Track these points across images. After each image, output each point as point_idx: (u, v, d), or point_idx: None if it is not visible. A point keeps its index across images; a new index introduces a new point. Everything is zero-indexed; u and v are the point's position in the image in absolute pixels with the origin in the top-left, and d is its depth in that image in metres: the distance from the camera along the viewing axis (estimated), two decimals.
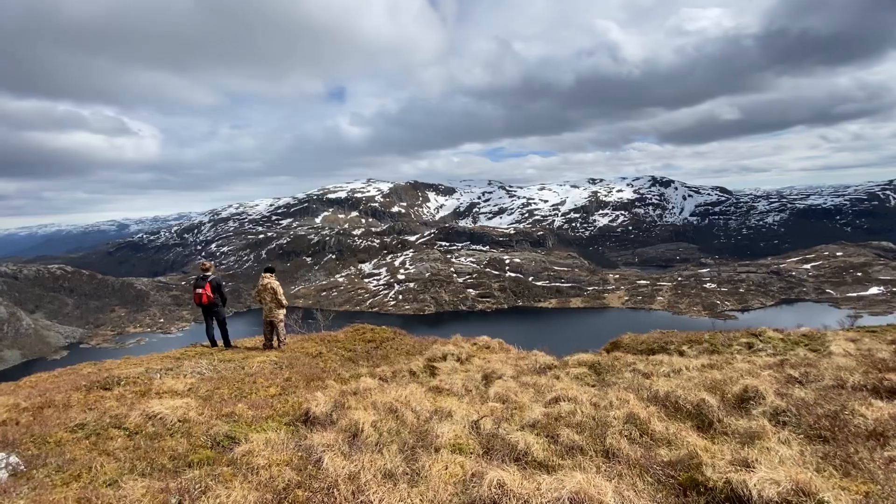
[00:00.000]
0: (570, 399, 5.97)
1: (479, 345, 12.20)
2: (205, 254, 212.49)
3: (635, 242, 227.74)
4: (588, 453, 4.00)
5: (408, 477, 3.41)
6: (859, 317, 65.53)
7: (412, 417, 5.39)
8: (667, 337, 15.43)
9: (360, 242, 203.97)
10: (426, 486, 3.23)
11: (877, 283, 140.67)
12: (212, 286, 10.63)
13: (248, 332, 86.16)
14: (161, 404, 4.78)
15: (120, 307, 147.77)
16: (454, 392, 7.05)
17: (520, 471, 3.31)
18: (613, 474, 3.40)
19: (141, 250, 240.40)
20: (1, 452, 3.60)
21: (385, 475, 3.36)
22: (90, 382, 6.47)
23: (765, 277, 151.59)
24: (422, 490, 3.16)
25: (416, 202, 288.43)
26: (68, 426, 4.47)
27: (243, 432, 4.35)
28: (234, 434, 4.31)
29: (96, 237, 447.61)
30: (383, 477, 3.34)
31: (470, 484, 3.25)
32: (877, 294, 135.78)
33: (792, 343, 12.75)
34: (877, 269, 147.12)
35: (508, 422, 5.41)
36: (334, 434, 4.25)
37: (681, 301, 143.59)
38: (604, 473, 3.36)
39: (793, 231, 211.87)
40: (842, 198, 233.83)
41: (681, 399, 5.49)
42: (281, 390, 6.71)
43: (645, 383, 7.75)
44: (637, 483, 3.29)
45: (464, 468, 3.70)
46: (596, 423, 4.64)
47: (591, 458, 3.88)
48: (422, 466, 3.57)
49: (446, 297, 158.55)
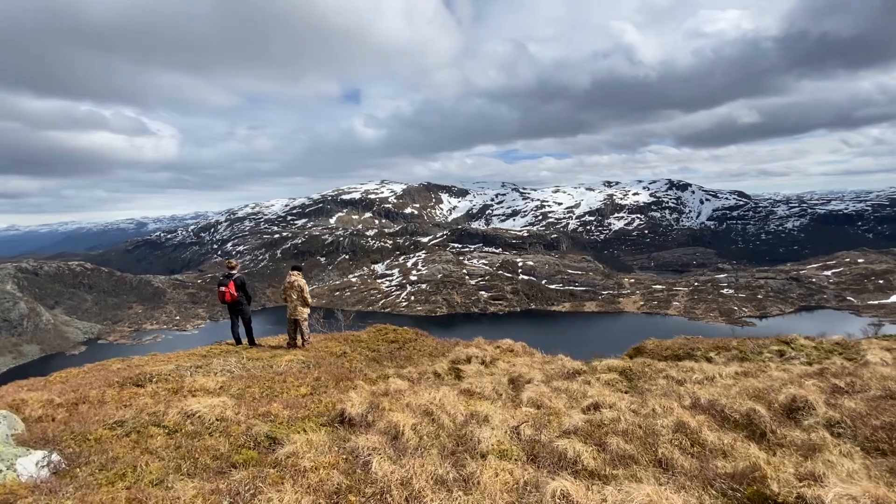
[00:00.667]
0: (608, 406, 5.79)
1: (503, 348, 12.04)
2: (221, 253, 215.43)
3: (651, 246, 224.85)
4: (640, 463, 3.84)
5: (460, 483, 3.29)
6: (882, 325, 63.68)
7: (448, 421, 5.27)
8: (692, 343, 15.08)
9: (374, 243, 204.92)
10: (480, 493, 3.10)
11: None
12: (236, 284, 10.64)
13: (262, 330, 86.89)
14: (199, 403, 4.74)
15: (137, 304, 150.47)
16: (485, 396, 6.92)
17: (581, 481, 3.16)
18: (677, 486, 3.23)
19: (158, 248, 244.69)
20: (42, 450, 3.57)
21: (437, 481, 3.25)
22: (122, 379, 6.48)
23: (784, 284, 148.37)
24: (477, 498, 3.03)
25: (429, 203, 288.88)
26: (107, 423, 4.45)
27: (283, 433, 4.27)
28: (275, 434, 4.23)
29: (115, 235, 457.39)
30: (435, 483, 3.22)
31: (525, 492, 3.12)
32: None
33: (825, 351, 12.35)
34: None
35: (546, 428, 5.25)
36: (376, 436, 4.15)
37: (697, 307, 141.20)
38: (670, 486, 3.20)
39: (813, 237, 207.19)
40: (864, 203, 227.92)
41: (727, 408, 5.28)
42: (311, 390, 6.64)
43: (679, 390, 7.53)
44: (704, 497, 3.12)
45: (513, 475, 3.57)
46: (643, 432, 4.46)
47: (645, 469, 3.72)
48: (471, 473, 3.45)
49: (458, 299, 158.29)
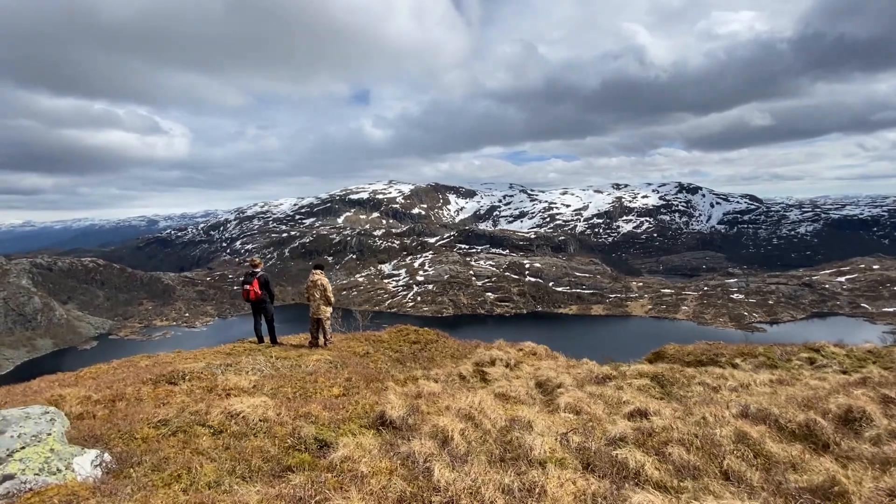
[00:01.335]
0: (653, 413, 5.63)
1: (526, 351, 11.89)
2: (230, 251, 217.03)
3: (660, 250, 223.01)
4: (706, 475, 3.68)
5: (525, 493, 3.16)
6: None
7: (490, 426, 5.13)
8: (715, 349, 14.82)
9: (381, 243, 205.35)
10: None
11: None
12: (260, 282, 10.59)
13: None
14: (241, 403, 4.65)
15: (148, 300, 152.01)
16: (520, 400, 6.78)
17: (661, 494, 3.01)
18: (760, 501, 3.07)
19: (169, 246, 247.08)
20: (94, 449, 3.48)
21: (503, 490, 3.12)
22: (155, 376, 6.42)
23: (796, 289, 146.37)
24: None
25: (436, 204, 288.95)
26: (151, 422, 4.37)
27: (331, 436, 4.16)
28: (322, 437, 4.13)
29: (127, 232, 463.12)
30: (503, 492, 3.09)
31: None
32: None
33: (857, 360, 12.05)
34: None
35: (592, 435, 5.11)
36: (427, 441, 4.03)
37: (706, 311, 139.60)
38: (752, 501, 3.04)
39: (826, 242, 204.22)
40: (879, 209, 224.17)
41: (780, 417, 5.10)
42: (344, 391, 6.54)
43: (718, 398, 7.34)
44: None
45: (576, 485, 3.43)
46: (700, 442, 4.30)
47: (713, 481, 3.56)
48: (534, 482, 3.32)
49: (465, 300, 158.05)
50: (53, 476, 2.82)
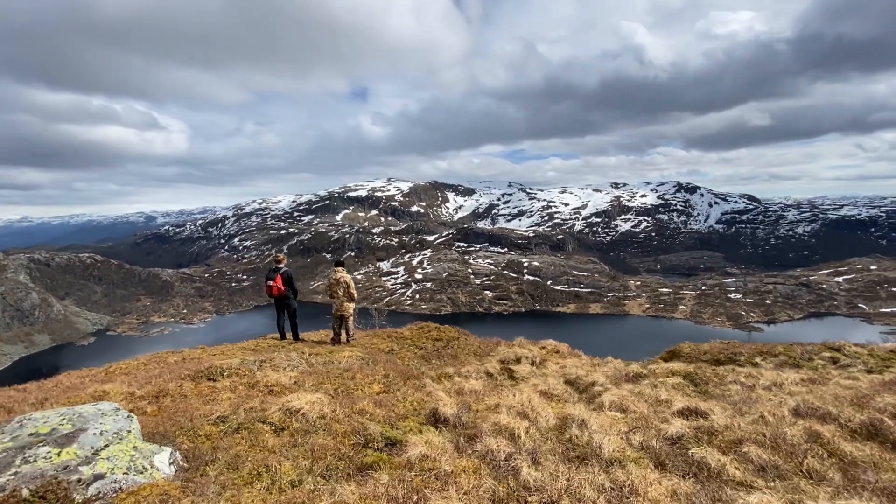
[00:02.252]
0: (704, 412, 5.56)
1: (548, 348, 11.82)
2: (228, 247, 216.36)
3: (658, 249, 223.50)
4: (788, 474, 3.61)
5: (619, 493, 3.08)
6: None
7: (545, 424, 5.06)
8: (733, 348, 14.80)
9: (379, 241, 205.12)
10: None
11: None
12: (283, 278, 10.47)
13: (268, 325, 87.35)
14: (299, 399, 4.55)
15: (145, 297, 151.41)
16: (562, 398, 6.70)
17: (772, 494, 2.94)
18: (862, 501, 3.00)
19: (167, 242, 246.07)
20: (167, 447, 3.38)
21: (598, 489, 3.03)
22: (193, 372, 6.31)
23: (793, 289, 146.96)
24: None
25: (435, 202, 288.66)
26: (210, 419, 4.26)
27: (398, 433, 4.07)
28: (389, 435, 4.04)
29: (125, 228, 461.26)
30: (598, 491, 3.01)
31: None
32: None
33: (881, 359, 12.02)
34: None
35: (647, 433, 5.03)
36: (500, 439, 3.94)
37: (704, 311, 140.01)
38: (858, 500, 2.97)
39: (824, 242, 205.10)
40: (877, 209, 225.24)
41: (840, 416, 5.04)
42: (384, 387, 6.45)
43: (756, 396, 7.28)
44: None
45: (662, 484, 3.35)
46: (770, 441, 4.23)
47: (800, 480, 3.49)
48: (624, 481, 3.24)
49: (463, 298, 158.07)
50: (141, 475, 2.72)
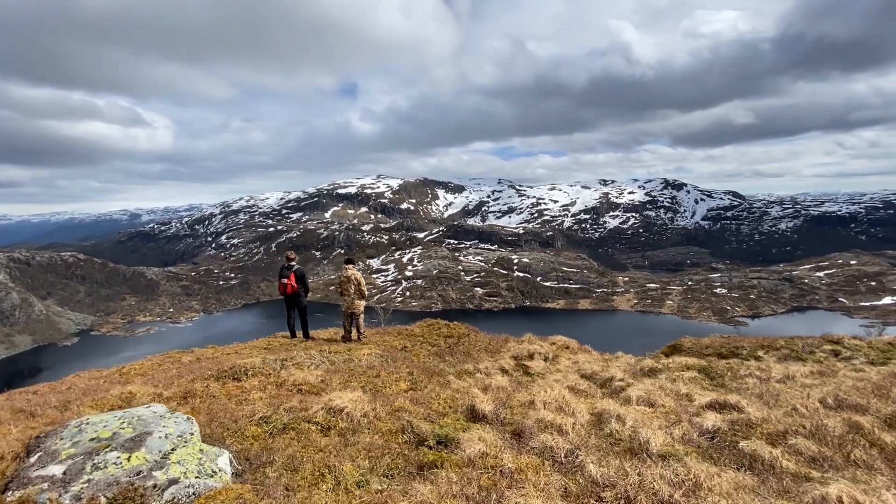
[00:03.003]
0: (733, 405, 5.62)
1: (559, 344, 11.87)
2: (215, 245, 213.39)
3: (646, 245, 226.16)
4: (840, 465, 3.66)
5: (684, 487, 3.08)
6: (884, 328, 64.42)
7: (583, 419, 5.07)
8: (734, 342, 15.04)
9: (369, 238, 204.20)
10: (731, 501, 2.90)
11: (891, 293, 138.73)
12: (296, 276, 10.35)
13: (258, 324, 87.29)
14: (341, 398, 4.48)
15: (130, 296, 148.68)
16: (589, 393, 6.73)
17: (855, 485, 2.96)
18: None
19: (152, 240, 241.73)
20: (222, 448, 3.29)
21: (671, 485, 3.04)
22: (216, 372, 6.18)
23: (776, 284, 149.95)
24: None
25: (425, 199, 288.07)
26: (252, 419, 4.18)
27: (447, 431, 4.03)
28: (439, 432, 4.00)
29: (108, 226, 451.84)
30: (674, 487, 3.01)
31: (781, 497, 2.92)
32: (890, 304, 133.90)
33: (881, 351, 12.32)
34: (891, 279, 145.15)
35: (682, 427, 5.07)
36: (549, 435, 3.93)
37: (690, 306, 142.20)
38: None
39: (806, 238, 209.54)
40: (857, 205, 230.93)
41: (869, 408, 5.13)
42: (411, 385, 6.40)
43: (771, 389, 7.39)
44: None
45: (722, 477, 3.37)
46: (810, 433, 4.29)
47: (851, 470, 3.55)
48: (686, 476, 3.25)
49: (453, 295, 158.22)
50: (211, 478, 2.64)
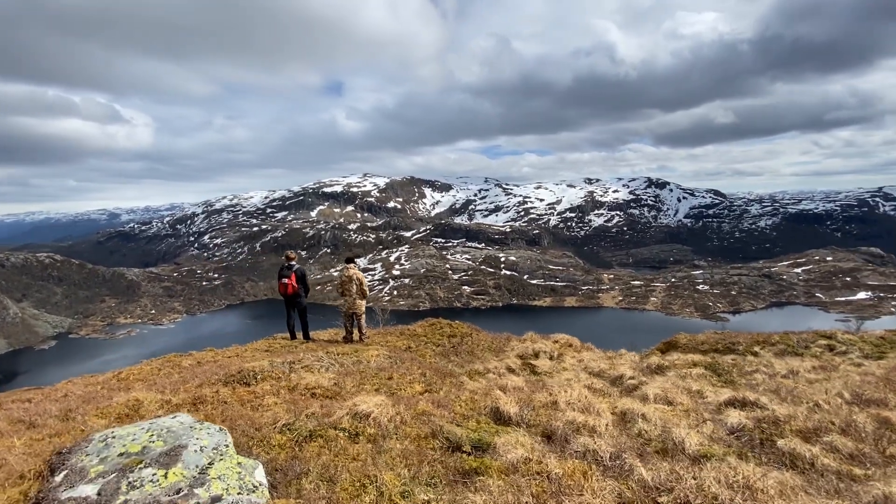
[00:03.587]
0: (752, 403, 5.61)
1: (562, 342, 11.83)
2: (198, 245, 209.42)
3: (630, 243, 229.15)
4: (880, 462, 3.64)
5: (744, 490, 3.01)
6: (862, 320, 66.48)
7: (608, 419, 4.98)
8: (729, 338, 15.19)
9: (356, 237, 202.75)
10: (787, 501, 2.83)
11: (865, 289, 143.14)
12: (297, 276, 10.09)
13: (243, 325, 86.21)
14: (365, 402, 4.30)
15: (110, 297, 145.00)
16: (604, 392, 6.67)
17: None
18: None
19: (132, 240, 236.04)
20: (256, 461, 3.08)
21: (730, 488, 2.95)
22: (224, 376, 5.94)
23: (756, 280, 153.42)
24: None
25: (412, 198, 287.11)
26: (275, 427, 3.98)
27: (482, 435, 3.90)
28: (473, 437, 3.86)
29: (86, 226, 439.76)
30: (727, 488, 2.93)
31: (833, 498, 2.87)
32: (864, 299, 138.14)
33: (874, 345, 12.56)
34: (865, 275, 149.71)
35: (708, 425, 5.03)
36: (588, 438, 3.83)
37: (674, 302, 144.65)
38: None
39: (784, 235, 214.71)
40: (833, 203, 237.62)
41: (889, 402, 5.16)
42: (426, 387, 6.25)
43: (781, 384, 7.43)
44: None
45: (770, 477, 3.31)
46: (842, 428, 4.28)
47: (891, 467, 3.52)
48: (736, 478, 3.17)
49: (441, 294, 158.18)
50: (254, 493, 2.46)
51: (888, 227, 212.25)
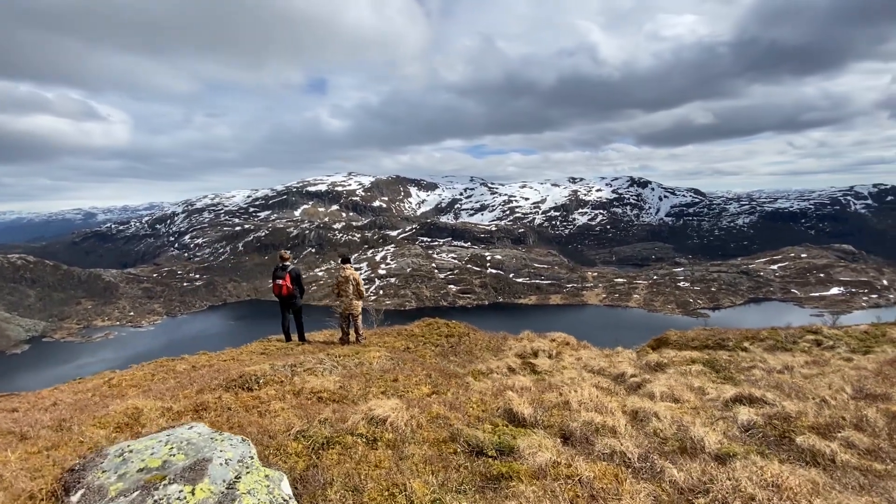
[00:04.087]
0: (758, 399, 5.65)
1: (558, 341, 11.84)
2: (178, 245, 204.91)
3: (613, 241, 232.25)
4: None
5: (773, 488, 2.99)
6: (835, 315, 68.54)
7: (622, 418, 4.95)
8: (719, 334, 15.44)
9: (341, 236, 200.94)
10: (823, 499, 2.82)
11: (837, 284, 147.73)
12: (291, 277, 9.86)
13: (226, 326, 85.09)
14: (381, 406, 4.18)
15: (86, 299, 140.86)
16: (610, 390, 6.66)
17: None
18: None
19: (109, 240, 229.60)
20: (280, 472, 2.94)
21: (764, 487, 2.93)
22: (224, 381, 5.74)
23: (735, 277, 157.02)
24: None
25: (397, 197, 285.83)
26: (289, 434, 3.83)
27: (505, 438, 3.81)
28: (496, 440, 3.77)
29: (60, 226, 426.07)
30: (762, 488, 2.90)
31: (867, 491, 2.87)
32: (837, 294, 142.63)
33: (858, 339, 12.90)
34: (838, 271, 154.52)
35: (721, 422, 5.04)
36: (611, 439, 3.78)
37: (656, 299, 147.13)
38: None
39: (761, 233, 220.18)
40: (807, 202, 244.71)
41: (892, 396, 5.26)
42: (433, 388, 6.14)
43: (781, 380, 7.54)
44: None
45: (797, 475, 3.31)
46: (853, 424, 4.33)
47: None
48: (765, 477, 3.16)
49: (427, 293, 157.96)
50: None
51: (859, 224, 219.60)
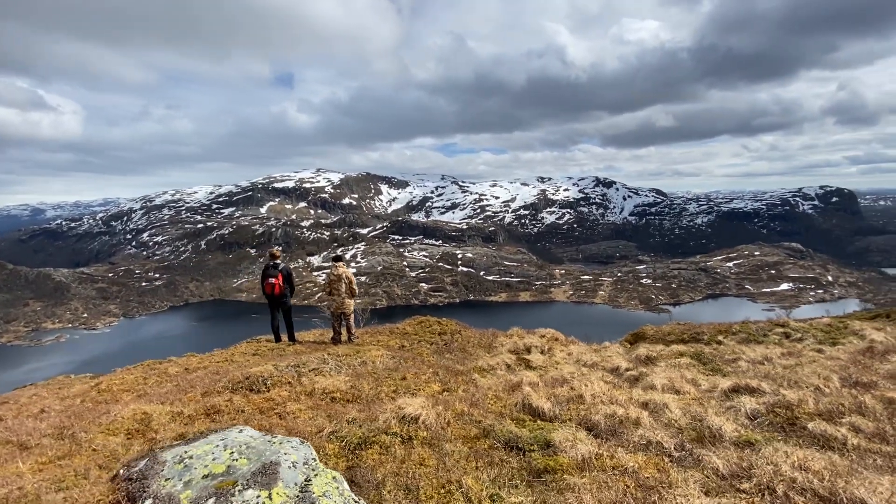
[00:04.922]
0: (754, 389, 5.96)
1: (548, 337, 12.04)
2: (136, 243, 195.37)
3: (580, 239, 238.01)
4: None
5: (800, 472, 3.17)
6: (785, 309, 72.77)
7: (636, 410, 5.11)
8: (694, 329, 16.09)
9: (309, 234, 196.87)
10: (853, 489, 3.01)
11: (787, 280, 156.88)
12: (283, 275, 9.60)
13: (187, 326, 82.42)
14: (410, 405, 4.14)
15: (35, 300, 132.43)
16: (616, 384, 6.84)
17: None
18: None
19: (59, 238, 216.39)
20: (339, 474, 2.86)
21: (800, 470, 3.09)
22: (231, 383, 5.54)
23: (694, 274, 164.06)
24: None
25: (368, 194, 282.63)
26: (321, 435, 3.74)
27: (540, 433, 3.86)
28: (532, 435, 3.81)
29: (6, 223, 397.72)
30: (799, 470, 3.07)
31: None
32: (786, 290, 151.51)
33: (823, 332, 13.73)
34: (787, 268, 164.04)
35: (728, 413, 5.28)
36: (646, 431, 3.89)
37: (620, 295, 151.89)
38: None
39: (718, 232, 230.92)
40: (760, 203, 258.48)
41: (880, 384, 5.65)
42: (442, 386, 6.14)
43: (765, 371, 7.96)
44: None
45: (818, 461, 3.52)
46: (853, 410, 4.63)
47: None
48: (803, 460, 3.34)
49: (398, 291, 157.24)
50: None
51: (806, 224, 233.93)
